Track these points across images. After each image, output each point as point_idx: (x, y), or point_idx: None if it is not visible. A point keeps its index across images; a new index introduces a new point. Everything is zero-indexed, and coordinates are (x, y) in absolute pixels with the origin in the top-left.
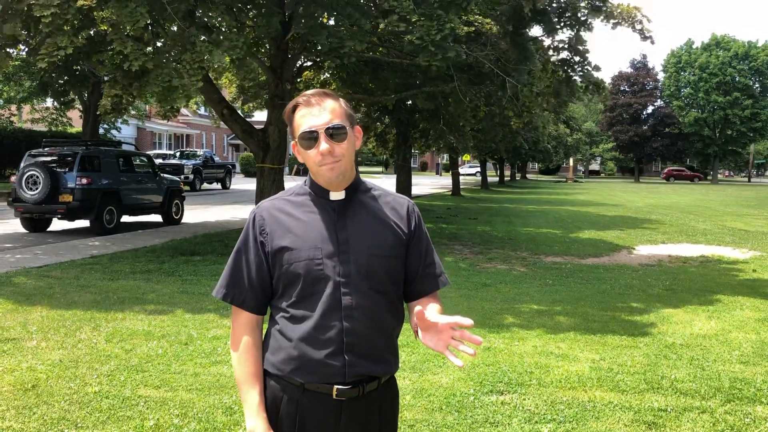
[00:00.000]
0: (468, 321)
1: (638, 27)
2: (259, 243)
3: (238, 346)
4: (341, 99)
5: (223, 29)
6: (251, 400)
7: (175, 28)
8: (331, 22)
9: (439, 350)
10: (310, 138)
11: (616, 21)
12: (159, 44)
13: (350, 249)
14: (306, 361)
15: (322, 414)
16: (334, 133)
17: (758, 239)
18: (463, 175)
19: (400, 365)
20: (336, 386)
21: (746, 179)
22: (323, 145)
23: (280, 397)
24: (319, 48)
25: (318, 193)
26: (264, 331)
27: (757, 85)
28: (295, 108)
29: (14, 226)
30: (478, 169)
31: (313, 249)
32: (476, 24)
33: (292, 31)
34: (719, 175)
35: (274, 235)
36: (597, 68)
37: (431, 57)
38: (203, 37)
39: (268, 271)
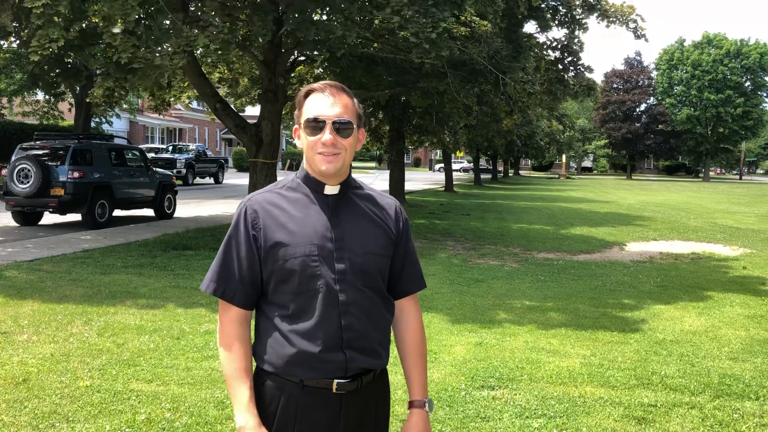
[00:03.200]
0: None
1: (632, 26)
2: (252, 237)
3: (227, 341)
4: (355, 98)
5: (217, 24)
6: (241, 396)
7: (168, 23)
8: (323, 18)
9: None
10: (316, 126)
11: (611, 20)
12: (151, 38)
13: (345, 246)
14: (306, 357)
15: (321, 409)
16: (341, 128)
17: (749, 236)
18: (440, 171)
19: (391, 360)
20: (336, 380)
21: (738, 177)
22: (327, 135)
23: (278, 396)
24: (310, 39)
25: (312, 187)
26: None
27: (748, 83)
28: (308, 93)
29: (5, 219)
30: (463, 165)
31: (309, 245)
32: (473, 25)
33: (285, 27)
34: (711, 173)
35: (268, 230)
36: (589, 69)
37: (425, 54)
38: (195, 31)
39: (259, 266)
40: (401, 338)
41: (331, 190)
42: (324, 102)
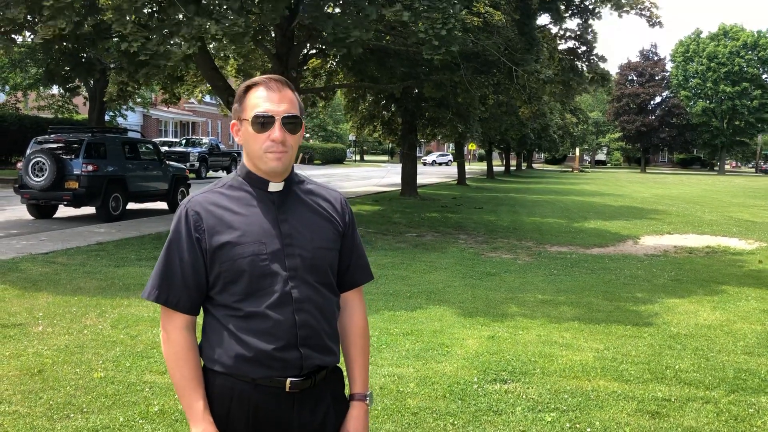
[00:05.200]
0: None
1: (646, 14)
2: (194, 240)
3: (175, 351)
4: (296, 92)
5: (230, 16)
6: (195, 405)
7: (181, 16)
8: (337, 11)
9: None
10: (265, 123)
11: (625, 9)
12: (164, 32)
13: (294, 242)
14: (259, 356)
15: (274, 408)
16: (289, 123)
17: (765, 230)
18: (431, 165)
19: (403, 353)
20: (290, 379)
21: (754, 170)
22: (277, 132)
23: (229, 396)
24: (325, 35)
25: (256, 185)
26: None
27: (765, 75)
28: (250, 88)
29: (21, 212)
30: (450, 159)
31: (258, 244)
32: (485, 15)
33: (297, 19)
34: (726, 166)
35: (213, 231)
36: (603, 59)
37: (434, 50)
38: (208, 24)
39: (204, 269)
40: (345, 330)
41: (275, 187)
42: (270, 97)
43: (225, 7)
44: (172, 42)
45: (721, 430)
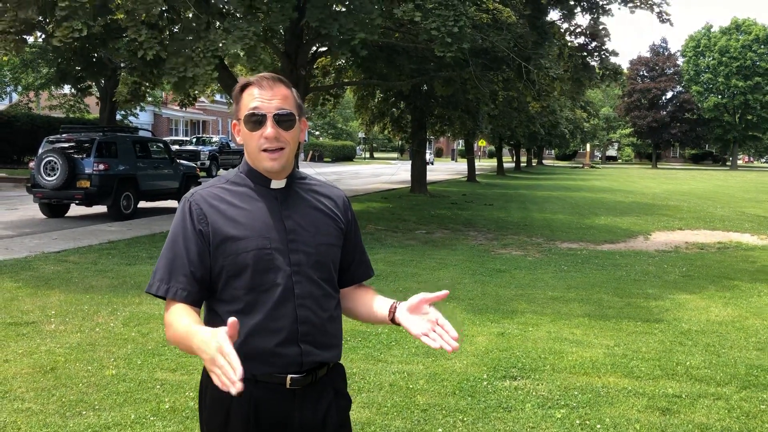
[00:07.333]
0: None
1: (657, 10)
2: (198, 232)
3: (170, 318)
4: (293, 89)
5: (238, 15)
6: (199, 332)
7: (190, 15)
8: (342, 9)
9: (416, 335)
10: (257, 120)
11: (635, 5)
12: (174, 30)
13: (298, 238)
14: (259, 352)
15: (275, 404)
16: (282, 120)
17: None
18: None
19: (412, 350)
20: (290, 375)
21: (766, 165)
22: (269, 129)
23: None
24: (332, 36)
25: (258, 181)
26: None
27: None
28: (244, 87)
29: (33, 211)
30: (430, 158)
31: (262, 238)
32: (494, 12)
33: (306, 19)
34: (739, 161)
35: (216, 225)
36: (614, 53)
37: (446, 47)
38: (218, 24)
39: (209, 262)
40: (357, 297)
41: (277, 184)
42: (262, 95)
43: (233, 8)
44: (184, 53)
45: (733, 426)
